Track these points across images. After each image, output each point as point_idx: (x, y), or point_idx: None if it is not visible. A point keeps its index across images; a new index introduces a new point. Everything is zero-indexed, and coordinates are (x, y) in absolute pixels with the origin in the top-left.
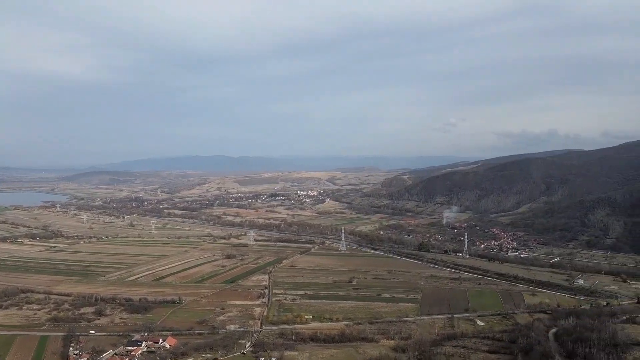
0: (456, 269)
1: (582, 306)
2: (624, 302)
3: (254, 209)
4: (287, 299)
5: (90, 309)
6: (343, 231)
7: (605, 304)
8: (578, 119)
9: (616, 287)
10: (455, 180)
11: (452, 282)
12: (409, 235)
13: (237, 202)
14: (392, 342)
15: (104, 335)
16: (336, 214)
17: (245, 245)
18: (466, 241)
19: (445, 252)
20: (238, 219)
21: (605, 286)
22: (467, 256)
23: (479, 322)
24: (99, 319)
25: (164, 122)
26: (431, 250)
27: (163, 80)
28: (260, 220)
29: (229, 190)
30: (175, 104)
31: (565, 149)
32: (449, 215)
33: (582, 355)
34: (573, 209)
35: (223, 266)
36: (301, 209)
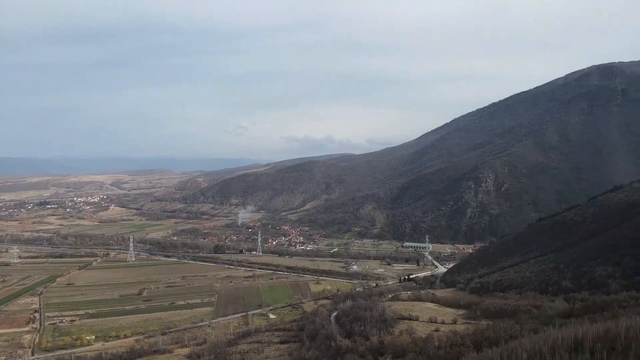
0: (251, 267)
1: (357, 289)
2: (389, 283)
3: (17, 220)
4: (64, 321)
5: None
6: (131, 240)
7: (374, 285)
8: (349, 127)
9: (382, 270)
10: (249, 182)
11: (246, 280)
12: (204, 239)
13: None
14: (186, 350)
15: None
16: (123, 222)
17: (7, 264)
18: (259, 239)
19: (241, 251)
20: None
21: (374, 270)
22: (261, 254)
23: (272, 316)
24: None
25: None
26: (227, 251)
27: None
28: (27, 234)
29: None
30: None
31: (340, 153)
32: (244, 215)
33: (358, 332)
34: (347, 205)
35: None
36: (79, 217)
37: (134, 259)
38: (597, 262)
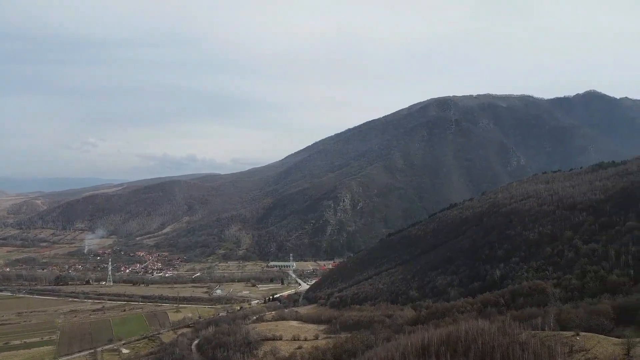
0: (99, 299)
1: (220, 314)
2: (254, 304)
3: None
4: None
5: None
6: None
7: (239, 308)
8: (213, 146)
9: (247, 292)
10: (98, 204)
11: (94, 314)
12: (43, 269)
13: None
14: None
15: None
16: None
17: None
18: (110, 268)
19: (88, 282)
20: None
21: (238, 292)
22: (112, 284)
23: (125, 350)
24: None
25: None
26: (71, 282)
27: None
28: None
29: None
30: None
31: (204, 172)
32: (92, 241)
33: (221, 359)
34: (212, 227)
35: None
36: None
37: None
38: (438, 272)
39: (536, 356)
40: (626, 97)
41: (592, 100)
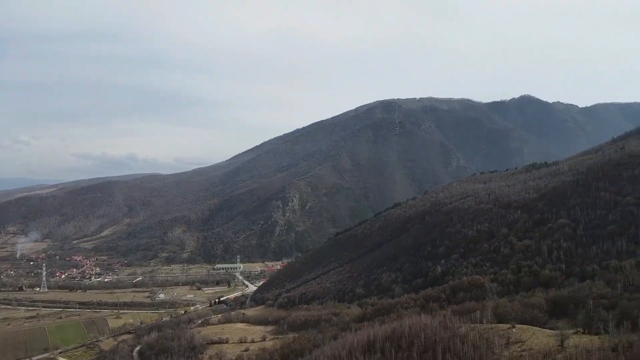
0: (34, 306)
1: (164, 319)
2: (199, 308)
3: None
4: None
5: None
6: None
7: (183, 312)
8: (155, 145)
9: (192, 295)
10: (31, 206)
11: (29, 321)
12: None
13: None
14: None
15: None
16: None
17: None
18: (44, 273)
19: (21, 288)
20: None
21: (183, 296)
22: (46, 290)
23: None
24: None
25: None
26: (2, 289)
27: None
28: None
29: None
30: None
31: (145, 172)
32: (24, 246)
33: None
34: (154, 229)
35: None
36: None
37: None
38: (383, 269)
39: (475, 348)
40: (558, 101)
41: (527, 104)
